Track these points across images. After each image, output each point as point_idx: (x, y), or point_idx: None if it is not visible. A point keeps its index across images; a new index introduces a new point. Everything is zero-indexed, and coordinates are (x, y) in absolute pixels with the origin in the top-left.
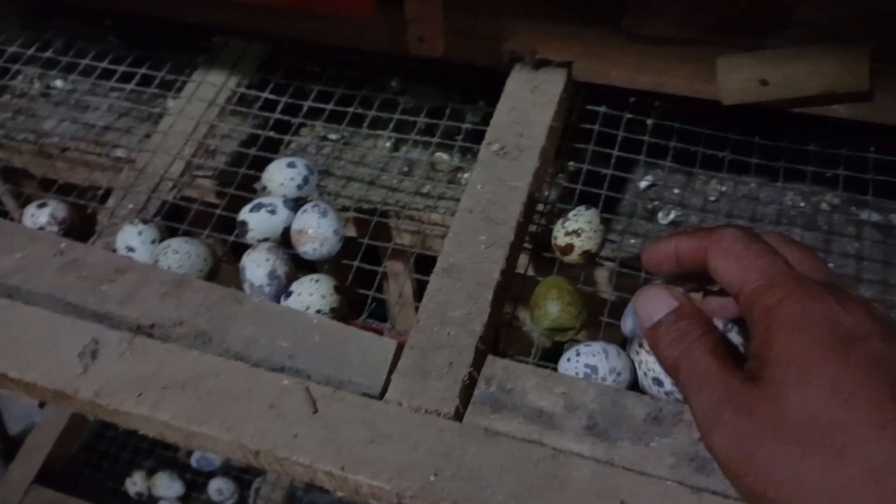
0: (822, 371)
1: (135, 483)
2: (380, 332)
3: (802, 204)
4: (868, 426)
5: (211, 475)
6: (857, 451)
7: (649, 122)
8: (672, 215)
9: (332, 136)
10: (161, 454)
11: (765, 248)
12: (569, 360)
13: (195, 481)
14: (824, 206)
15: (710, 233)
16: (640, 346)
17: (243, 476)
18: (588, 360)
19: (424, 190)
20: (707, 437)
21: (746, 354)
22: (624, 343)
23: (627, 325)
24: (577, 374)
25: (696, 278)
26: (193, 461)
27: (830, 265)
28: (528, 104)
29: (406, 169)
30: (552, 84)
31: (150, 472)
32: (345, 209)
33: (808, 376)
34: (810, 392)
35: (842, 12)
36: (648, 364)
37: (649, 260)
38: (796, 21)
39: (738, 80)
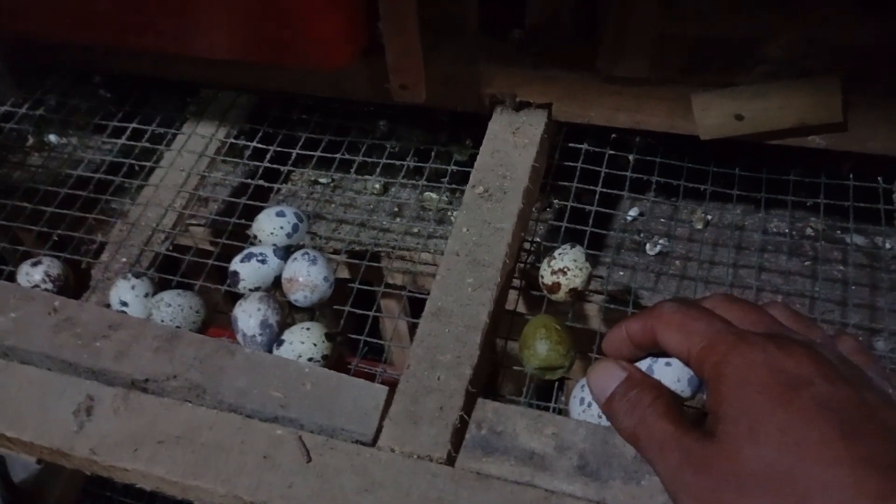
0: (771, 420)
1: None
2: (373, 377)
3: (787, 230)
4: (821, 469)
5: None
6: (814, 497)
7: (631, 157)
8: (659, 247)
9: (322, 181)
10: (163, 497)
11: (701, 312)
12: (585, 403)
13: None
14: (809, 231)
15: (652, 311)
16: None
17: None
18: None
19: (414, 230)
20: (675, 499)
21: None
22: None
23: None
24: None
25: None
26: None
27: (816, 288)
28: (510, 146)
29: (395, 210)
30: (533, 125)
31: None
32: (336, 252)
33: (758, 428)
34: (762, 443)
35: (806, 48)
36: None
37: (608, 348)
38: (765, 58)
39: (713, 115)
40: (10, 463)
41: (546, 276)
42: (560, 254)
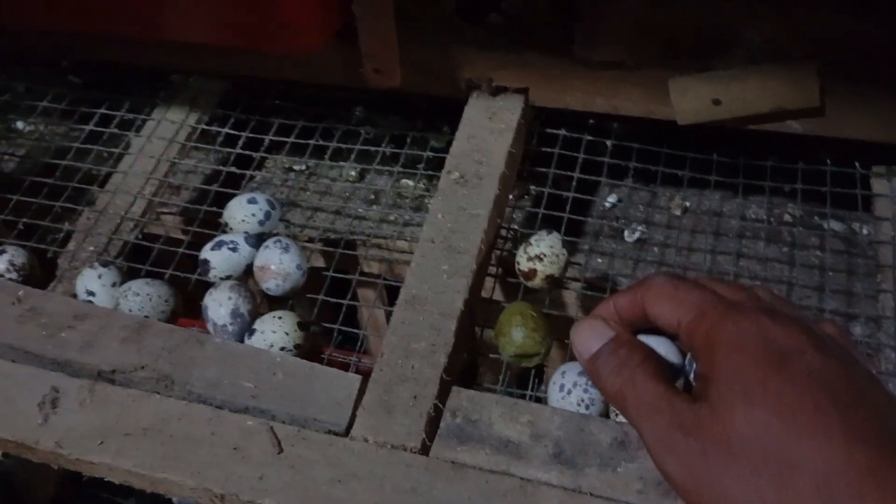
0: (765, 388)
1: None
2: (347, 367)
3: (765, 217)
4: (814, 438)
5: None
6: (804, 464)
7: (609, 143)
8: (637, 233)
9: (297, 168)
10: (141, 492)
11: (693, 284)
12: (565, 391)
13: None
14: (787, 217)
15: (642, 283)
16: None
17: None
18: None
19: (391, 218)
20: (660, 462)
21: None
22: None
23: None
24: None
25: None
26: (175, 497)
27: (794, 274)
28: (487, 131)
29: (372, 197)
30: (509, 110)
31: None
32: (311, 240)
33: (752, 392)
34: (755, 410)
35: (782, 33)
36: None
37: None
38: (741, 42)
39: (690, 100)
40: None
41: (522, 262)
42: (536, 240)
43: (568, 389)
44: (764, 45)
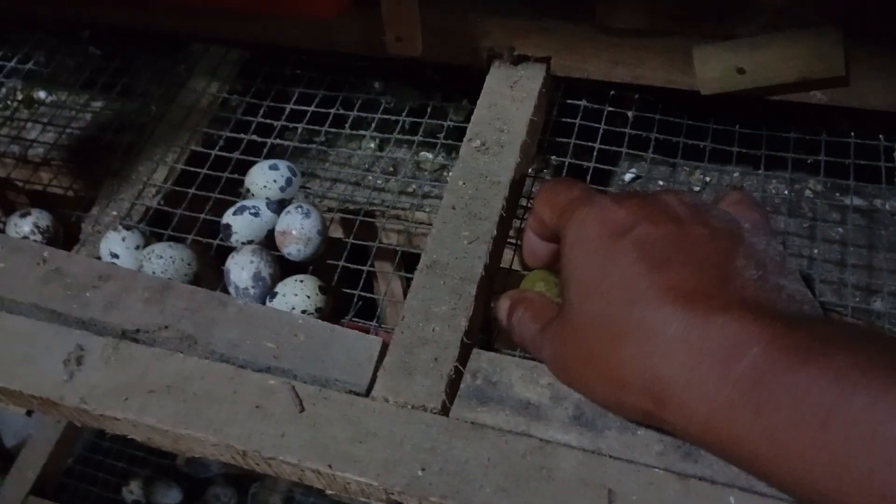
0: (595, 272)
1: (131, 492)
2: (366, 331)
3: (786, 192)
4: (630, 307)
5: (208, 481)
6: (627, 334)
7: (630, 114)
8: None
9: (317, 139)
10: (157, 462)
11: (567, 182)
12: None
13: (192, 488)
14: (808, 192)
15: (539, 188)
16: None
17: (241, 481)
18: None
19: (410, 189)
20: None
21: None
22: None
23: None
24: None
25: None
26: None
27: (815, 250)
28: (508, 100)
29: (391, 169)
30: (531, 79)
31: (147, 481)
32: (330, 210)
33: (585, 284)
34: (591, 297)
35: None
36: None
37: (527, 255)
38: (765, 7)
39: (714, 69)
40: (3, 429)
41: None
42: None
43: None
44: (784, 9)
